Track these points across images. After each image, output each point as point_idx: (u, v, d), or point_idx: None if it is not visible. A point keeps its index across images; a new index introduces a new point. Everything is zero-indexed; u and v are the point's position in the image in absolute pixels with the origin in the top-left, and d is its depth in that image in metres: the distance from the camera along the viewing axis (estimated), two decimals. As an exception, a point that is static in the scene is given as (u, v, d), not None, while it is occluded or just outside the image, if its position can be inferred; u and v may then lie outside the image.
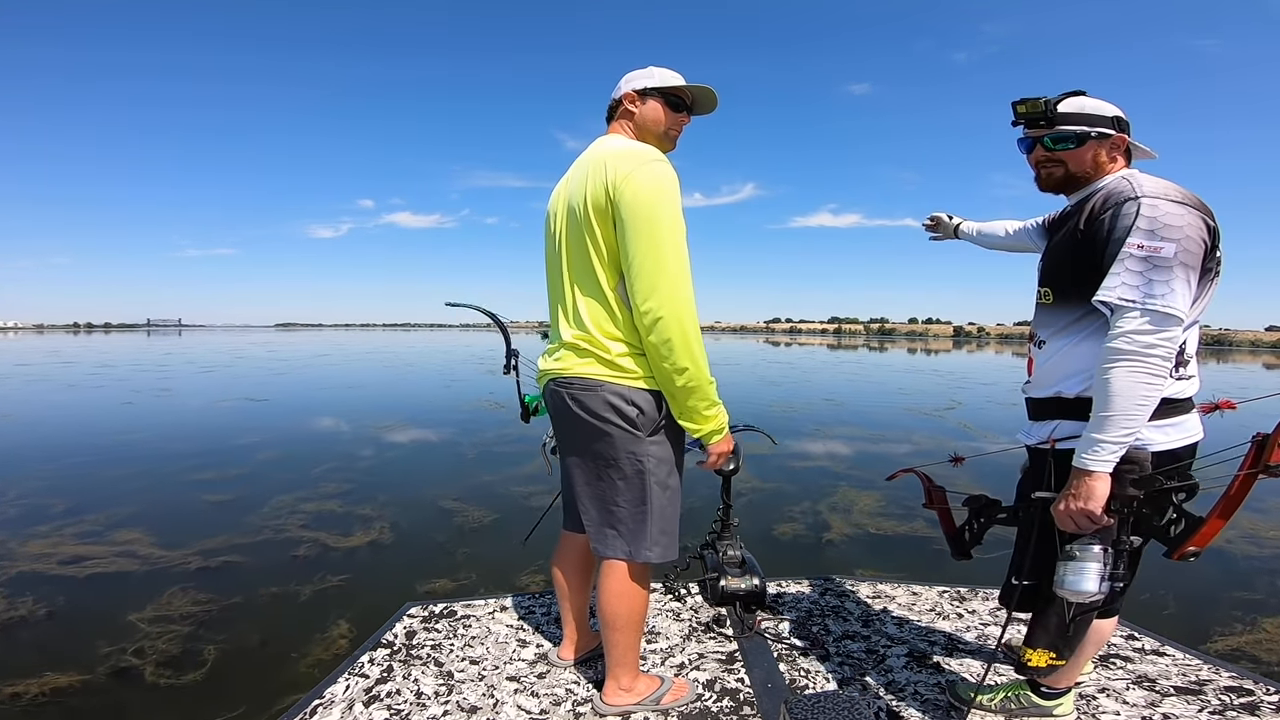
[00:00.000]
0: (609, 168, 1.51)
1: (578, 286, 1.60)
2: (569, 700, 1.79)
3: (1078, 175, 1.43)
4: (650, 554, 1.63)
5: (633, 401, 1.58)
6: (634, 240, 1.48)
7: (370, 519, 4.78)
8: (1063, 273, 1.40)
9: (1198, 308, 1.31)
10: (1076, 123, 1.39)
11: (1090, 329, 1.35)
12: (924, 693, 1.83)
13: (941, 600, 2.48)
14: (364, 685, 1.86)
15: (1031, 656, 1.47)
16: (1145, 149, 1.46)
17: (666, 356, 1.50)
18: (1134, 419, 1.23)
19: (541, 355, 1.76)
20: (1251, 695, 1.80)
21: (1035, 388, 1.50)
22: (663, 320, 1.48)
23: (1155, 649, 2.08)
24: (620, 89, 1.68)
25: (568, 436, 1.70)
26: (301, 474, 6.13)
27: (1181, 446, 1.35)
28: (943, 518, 1.78)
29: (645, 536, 1.62)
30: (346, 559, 4.02)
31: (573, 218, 1.58)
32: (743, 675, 1.92)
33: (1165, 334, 1.22)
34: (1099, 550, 1.29)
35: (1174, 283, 1.21)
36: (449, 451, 7.31)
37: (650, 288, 1.48)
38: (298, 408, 10.96)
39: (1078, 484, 1.28)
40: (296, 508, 5.02)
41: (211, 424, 9.12)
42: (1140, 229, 1.24)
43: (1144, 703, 1.77)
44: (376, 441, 7.82)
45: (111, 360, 24.27)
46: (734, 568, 2.15)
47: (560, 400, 1.64)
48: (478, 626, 2.23)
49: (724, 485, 2.25)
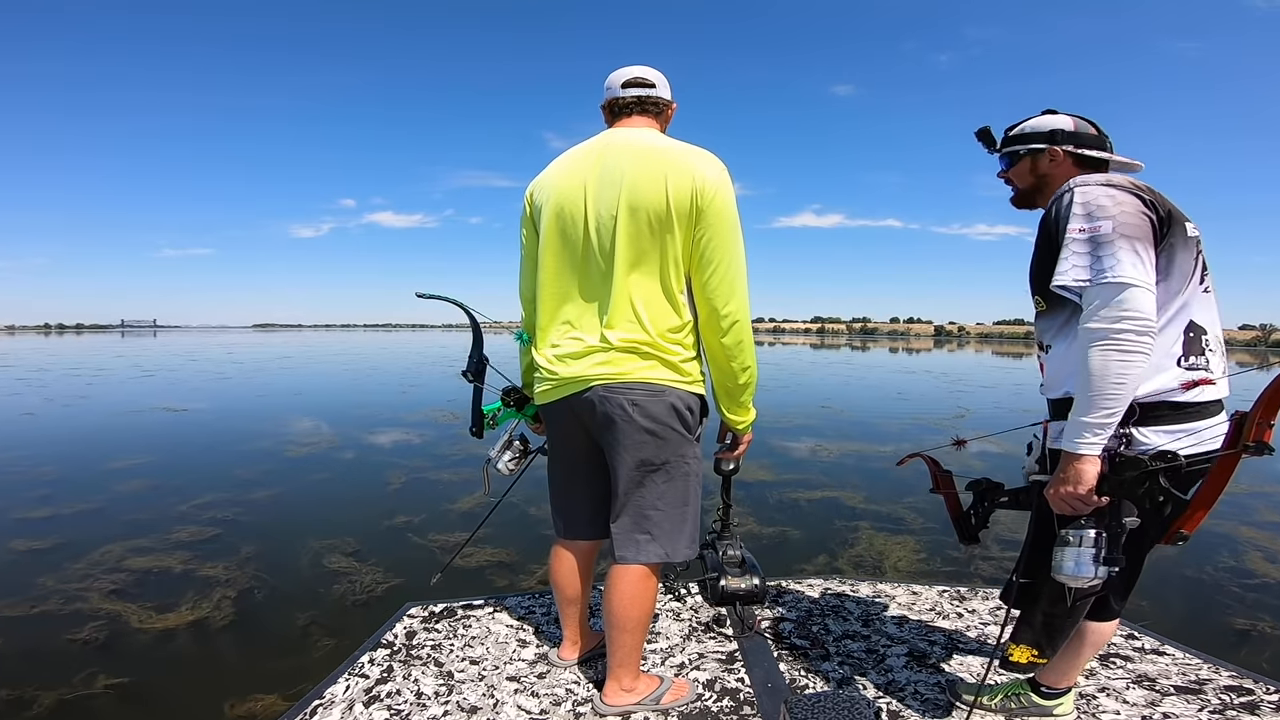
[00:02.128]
0: (694, 172, 1.50)
1: (637, 286, 1.53)
2: (569, 700, 1.76)
3: (1027, 190, 1.55)
4: (687, 553, 1.64)
5: (689, 406, 1.59)
6: (720, 245, 1.52)
7: (214, 584, 3.52)
8: (1043, 280, 1.40)
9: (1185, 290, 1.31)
10: (1012, 143, 1.53)
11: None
12: (924, 692, 1.82)
13: (941, 600, 2.47)
14: (364, 685, 1.83)
15: (1014, 652, 1.50)
16: (1120, 159, 1.48)
17: (736, 356, 1.60)
18: (1113, 398, 1.23)
19: (551, 357, 1.62)
20: (1252, 694, 1.79)
21: (1049, 390, 1.51)
22: (739, 323, 1.56)
23: (1155, 648, 2.08)
24: (668, 90, 1.68)
25: (608, 444, 1.60)
26: (161, 511, 4.79)
27: (1196, 455, 1.28)
28: (949, 501, 1.75)
29: (683, 537, 1.63)
30: (145, 653, 2.84)
31: (638, 216, 1.50)
32: (743, 675, 1.90)
33: (1127, 305, 1.21)
34: (1093, 534, 1.28)
35: (1119, 254, 1.23)
36: (370, 480, 5.85)
37: (731, 291, 1.54)
38: (217, 420, 9.44)
39: (1067, 467, 1.30)
40: (120, 563, 3.79)
41: (97, 440, 7.77)
42: (1076, 214, 1.29)
43: (1144, 702, 1.76)
44: (284, 466, 6.41)
45: (54, 364, 22.38)
46: (734, 567, 2.13)
47: (610, 407, 1.54)
48: (478, 626, 2.20)
49: (725, 485, 2.22)
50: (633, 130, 1.62)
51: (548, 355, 1.63)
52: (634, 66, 1.67)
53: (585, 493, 1.74)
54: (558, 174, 1.62)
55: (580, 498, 1.75)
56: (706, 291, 1.53)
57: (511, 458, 1.95)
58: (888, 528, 4.58)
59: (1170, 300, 1.30)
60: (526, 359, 1.81)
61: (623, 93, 1.64)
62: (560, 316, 1.62)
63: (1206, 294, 1.35)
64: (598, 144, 1.61)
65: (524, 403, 1.89)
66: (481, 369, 1.89)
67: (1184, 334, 1.31)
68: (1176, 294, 1.31)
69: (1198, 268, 1.33)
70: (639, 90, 1.64)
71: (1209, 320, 1.34)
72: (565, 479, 1.77)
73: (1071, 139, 1.46)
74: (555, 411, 1.67)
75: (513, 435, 1.96)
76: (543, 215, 1.62)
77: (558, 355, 1.61)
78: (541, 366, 1.65)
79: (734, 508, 2.28)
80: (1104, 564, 1.27)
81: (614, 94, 1.66)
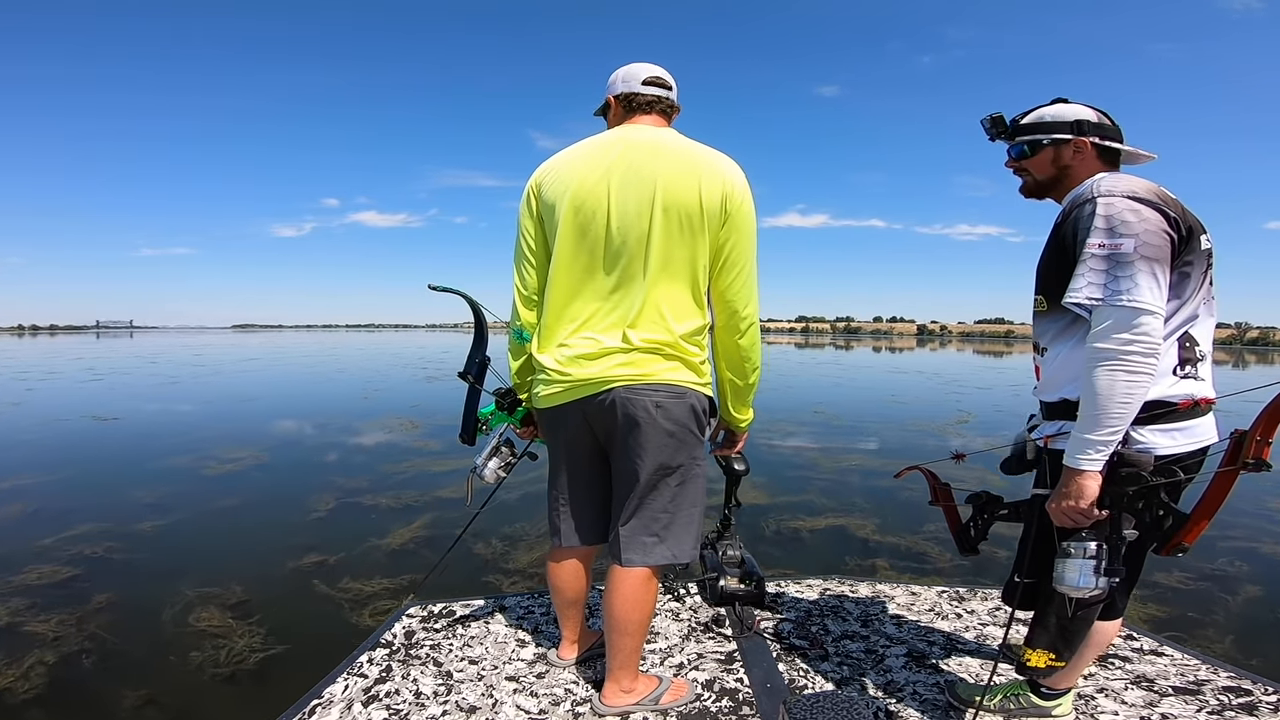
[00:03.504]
0: (725, 176, 1.50)
1: (666, 287, 1.50)
2: (568, 700, 1.76)
3: (1045, 181, 1.48)
4: (693, 554, 1.63)
5: (704, 409, 1.59)
6: (744, 249, 1.53)
7: (34, 644, 2.73)
8: (1049, 280, 1.40)
9: (1191, 302, 1.32)
10: (1032, 132, 1.46)
11: (1085, 332, 1.32)
12: (923, 693, 1.81)
13: (940, 600, 2.45)
14: (363, 685, 1.82)
15: (1031, 657, 1.47)
16: (1137, 151, 1.45)
17: (749, 358, 1.62)
18: (1118, 417, 1.25)
19: (562, 358, 1.55)
20: (1250, 695, 1.79)
21: (1044, 393, 1.50)
22: (754, 325, 1.59)
23: (1153, 649, 2.07)
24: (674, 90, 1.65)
25: (628, 447, 1.55)
26: (19, 545, 3.94)
27: (1188, 452, 1.33)
28: (948, 514, 1.75)
29: (690, 539, 1.62)
30: None
31: (671, 216, 1.48)
32: (742, 675, 1.89)
33: (1140, 329, 1.22)
34: (1094, 546, 1.30)
35: (1138, 277, 1.23)
36: (289, 506, 4.82)
37: (750, 294, 1.56)
38: (142, 431, 8.34)
39: (1069, 482, 1.31)
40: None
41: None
42: (1098, 228, 1.26)
43: (1142, 703, 1.76)
44: (192, 488, 5.38)
45: (6, 368, 20.88)
46: (733, 568, 2.12)
47: (634, 409, 1.51)
48: (477, 626, 2.19)
49: (732, 485, 2.20)
50: (654, 130, 1.59)
51: (556, 356, 1.57)
52: (650, 65, 1.65)
53: (589, 498, 1.71)
54: (574, 166, 1.56)
55: (584, 504, 1.71)
56: (728, 295, 1.55)
57: (500, 465, 1.87)
58: (911, 566, 3.77)
59: (1175, 314, 1.32)
60: (522, 359, 1.71)
61: (643, 90, 1.62)
62: (570, 315, 1.57)
63: (1207, 303, 1.36)
64: (616, 139, 1.56)
65: (516, 405, 1.81)
66: (483, 370, 1.85)
67: (1179, 344, 1.33)
68: (1181, 308, 1.32)
69: (1205, 281, 1.34)
70: (659, 90, 1.63)
71: (1204, 329, 1.36)
72: (569, 485, 1.72)
73: (1097, 130, 1.42)
74: (561, 415, 1.62)
75: (500, 441, 1.87)
76: (557, 209, 1.55)
77: (570, 356, 1.55)
78: (548, 368, 1.58)
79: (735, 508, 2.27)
80: (1105, 575, 1.30)
81: (632, 88, 1.62)
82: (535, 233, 1.61)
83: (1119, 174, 1.37)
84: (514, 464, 1.90)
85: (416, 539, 4.11)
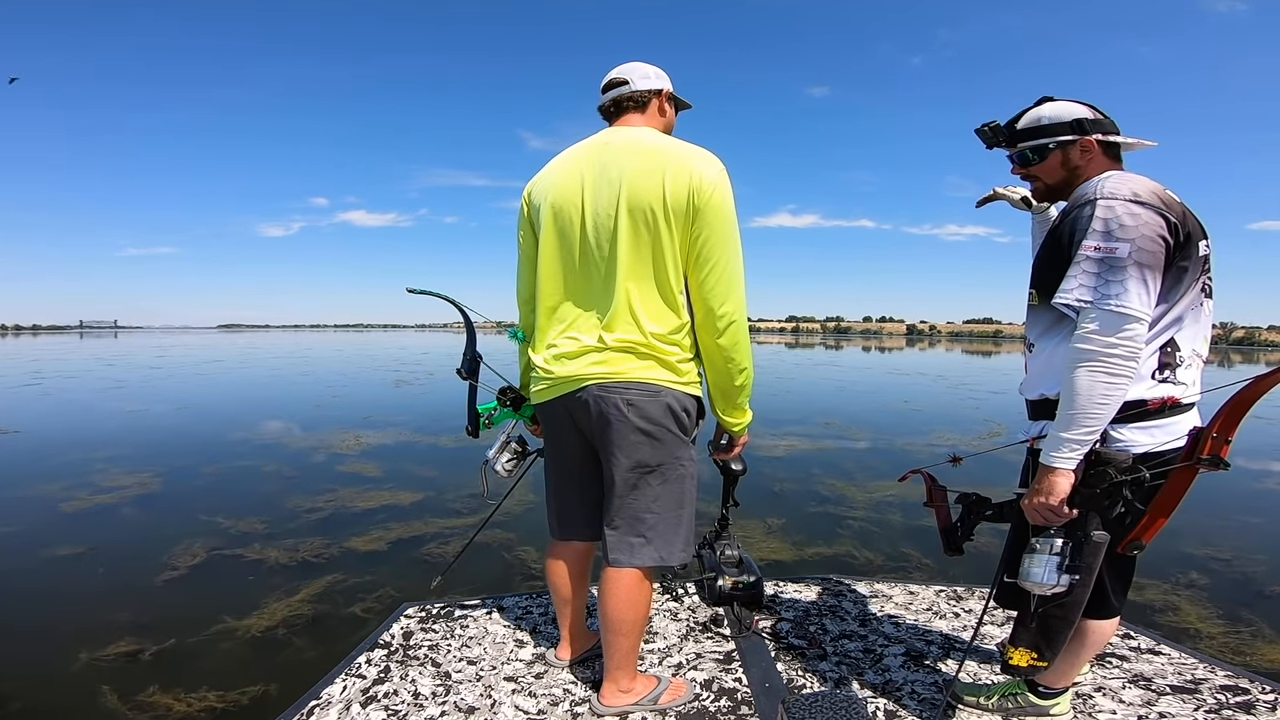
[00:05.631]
0: (692, 170, 1.48)
1: (635, 286, 1.52)
2: (566, 700, 1.76)
3: (1056, 184, 1.46)
4: (683, 555, 1.63)
5: (685, 408, 1.58)
6: (717, 244, 1.50)
7: None
8: (1044, 276, 1.40)
9: (1178, 307, 1.32)
10: (1034, 137, 1.44)
11: (1070, 330, 1.33)
12: (921, 692, 1.80)
13: (938, 599, 2.43)
14: (361, 686, 1.83)
15: (1014, 655, 1.47)
16: (1136, 141, 1.44)
17: (732, 358, 1.57)
18: (1095, 417, 1.26)
19: (549, 358, 1.61)
20: (1247, 694, 1.79)
21: (1027, 390, 1.52)
22: (735, 324, 1.54)
23: (1151, 648, 2.06)
24: (650, 80, 1.64)
25: (604, 445, 1.58)
26: None
27: (1171, 449, 1.32)
28: (939, 514, 1.75)
29: (678, 540, 1.62)
30: None
31: (636, 215, 1.49)
32: (740, 675, 1.89)
33: (1125, 334, 1.23)
34: (1060, 544, 1.32)
35: (1129, 282, 1.23)
36: (140, 562, 3.59)
37: (728, 291, 1.52)
38: (39, 448, 7.09)
39: (1042, 479, 1.32)
40: None
41: None
42: (1095, 230, 1.27)
43: (1140, 701, 1.75)
44: (43, 523, 4.32)
45: None
46: (731, 567, 2.10)
47: (606, 406, 1.53)
48: (475, 627, 2.19)
49: (730, 486, 2.17)
50: (631, 129, 1.61)
51: (545, 356, 1.63)
52: (617, 67, 1.67)
53: (580, 495, 1.72)
54: (555, 173, 1.62)
55: (575, 499, 1.74)
56: (703, 291, 1.53)
57: (509, 459, 1.92)
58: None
59: (1160, 318, 1.31)
60: (525, 359, 1.79)
61: (602, 98, 1.66)
62: (558, 317, 1.62)
63: (1200, 307, 1.35)
64: (596, 143, 1.60)
65: (520, 403, 1.87)
66: (475, 366, 1.90)
67: (1160, 350, 1.34)
68: (1168, 312, 1.32)
69: (1197, 285, 1.33)
70: (614, 92, 1.64)
71: (1192, 333, 1.35)
72: (560, 480, 1.76)
73: (1097, 126, 1.42)
74: (550, 412, 1.67)
75: (510, 436, 1.93)
76: (540, 215, 1.61)
77: (554, 355, 1.60)
78: (538, 367, 1.65)
79: (733, 507, 2.23)
80: (1067, 572, 1.31)
81: (600, 101, 1.67)
82: (528, 240, 1.69)
83: (1125, 174, 1.36)
84: (527, 461, 1.95)
85: (291, 619, 2.93)
